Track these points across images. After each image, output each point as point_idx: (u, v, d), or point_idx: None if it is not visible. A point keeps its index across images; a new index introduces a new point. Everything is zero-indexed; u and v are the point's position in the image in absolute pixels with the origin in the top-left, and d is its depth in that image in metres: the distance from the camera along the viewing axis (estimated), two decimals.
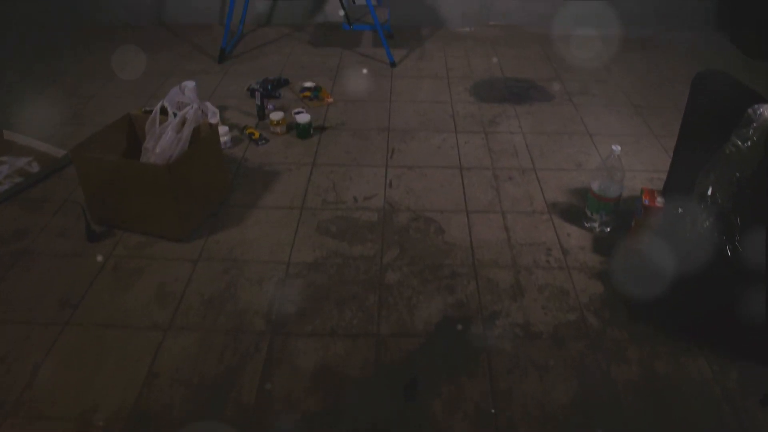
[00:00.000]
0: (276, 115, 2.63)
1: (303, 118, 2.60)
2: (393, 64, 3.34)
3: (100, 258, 1.94)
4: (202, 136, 2.16)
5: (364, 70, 3.32)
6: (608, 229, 2.09)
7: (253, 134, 2.62)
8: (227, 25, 3.38)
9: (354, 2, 3.69)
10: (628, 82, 3.22)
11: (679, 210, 1.74)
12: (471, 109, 2.90)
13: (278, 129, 2.64)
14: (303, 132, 2.62)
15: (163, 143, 2.11)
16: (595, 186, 2.04)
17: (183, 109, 2.17)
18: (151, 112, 2.23)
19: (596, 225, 2.09)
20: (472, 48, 3.62)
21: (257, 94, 2.77)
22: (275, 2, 3.92)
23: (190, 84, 2.70)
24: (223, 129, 2.54)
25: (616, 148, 1.96)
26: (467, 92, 3.07)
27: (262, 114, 2.77)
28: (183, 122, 2.18)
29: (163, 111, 2.23)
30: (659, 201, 1.84)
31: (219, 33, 3.58)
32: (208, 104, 2.66)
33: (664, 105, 2.98)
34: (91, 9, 3.94)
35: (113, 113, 2.74)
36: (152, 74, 3.27)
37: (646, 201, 1.86)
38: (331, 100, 2.95)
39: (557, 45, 3.69)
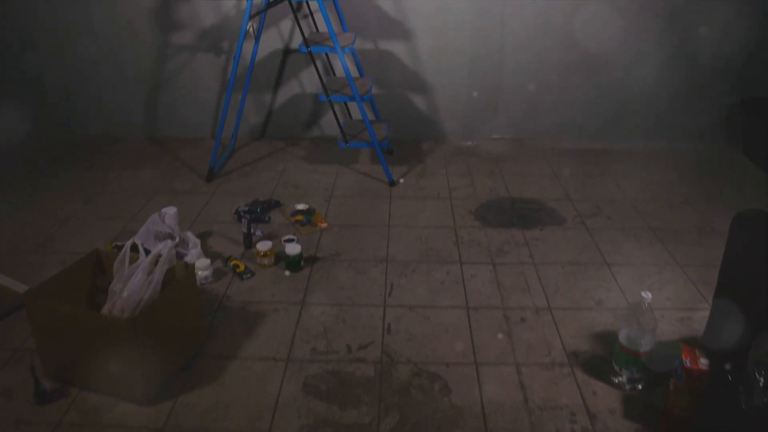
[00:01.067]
0: (263, 246, 2.45)
1: (293, 249, 2.42)
2: (392, 183, 3.21)
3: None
4: (177, 278, 1.97)
5: (362, 189, 3.18)
6: (640, 387, 1.85)
7: (237, 266, 2.42)
8: (217, 141, 3.29)
9: (351, 117, 3.63)
10: (641, 201, 3.08)
11: (730, 377, 1.51)
12: (476, 235, 2.73)
13: (265, 261, 2.45)
14: (293, 265, 2.42)
15: (132, 286, 1.91)
16: (623, 337, 1.82)
17: (158, 245, 2.00)
18: (122, 247, 2.04)
19: (626, 381, 1.85)
20: (475, 165, 3.51)
21: (244, 221, 2.60)
22: (269, 115, 3.86)
23: (170, 210, 2.54)
24: (204, 262, 2.35)
25: (647, 295, 1.76)
26: (472, 215, 2.91)
27: (249, 242, 2.60)
28: (156, 261, 1.99)
29: (135, 248, 2.05)
30: (703, 363, 1.61)
31: (210, 147, 3.48)
32: (189, 234, 2.49)
33: (684, 228, 2.82)
34: (79, 121, 3.87)
35: (88, 239, 2.58)
36: (136, 193, 3.13)
37: (687, 362, 1.62)
38: (324, 225, 2.78)
39: (564, 160, 3.58)
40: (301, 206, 2.91)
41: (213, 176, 3.32)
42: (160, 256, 1.99)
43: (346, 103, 3.61)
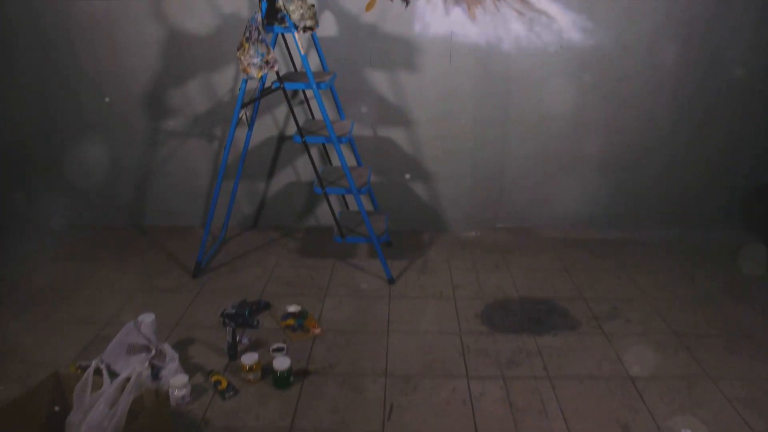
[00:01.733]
0: (249, 359, 2.23)
1: (281, 363, 2.19)
2: (391, 281, 3.01)
3: None
4: (147, 408, 1.73)
5: (359, 287, 2.98)
6: None
7: (219, 383, 2.19)
8: (205, 234, 3.11)
9: (347, 208, 3.47)
10: (662, 300, 2.87)
11: None
12: (484, 342, 2.51)
13: (251, 376, 2.22)
14: (281, 381, 2.19)
15: (92, 420, 1.69)
16: None
17: (128, 367, 1.78)
18: (86, 368, 1.83)
19: None
20: (480, 258, 3.32)
21: (229, 329, 2.39)
22: (262, 204, 3.70)
23: (147, 318, 2.34)
24: (181, 379, 2.12)
25: None
26: (478, 318, 2.70)
27: (233, 353, 2.37)
28: (123, 387, 1.76)
29: (99, 372, 1.83)
30: None
31: (200, 237, 3.31)
32: (167, 346, 2.26)
33: (711, 332, 2.61)
34: (65, 209, 3.72)
35: (55, 348, 2.37)
36: (116, 291, 2.93)
37: None
38: (317, 330, 2.56)
39: (575, 252, 3.40)
40: (292, 308, 2.70)
41: (200, 272, 3.13)
42: (127, 380, 1.77)
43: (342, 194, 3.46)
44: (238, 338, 2.43)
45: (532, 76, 3.38)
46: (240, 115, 2.91)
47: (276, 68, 2.75)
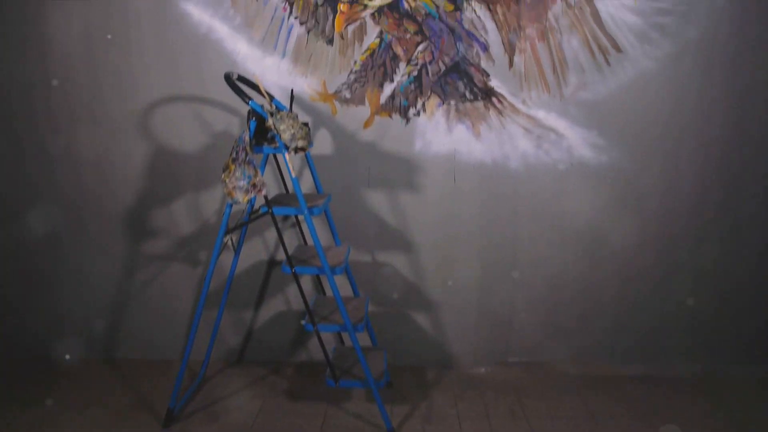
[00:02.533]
0: None
1: None
2: (392, 431, 2.62)
3: None
4: None
5: None
6: None
7: None
8: (181, 373, 2.75)
9: (342, 343, 3.12)
10: None
11: None
12: None
13: None
14: None
15: None
16: None
17: None
18: None
19: None
20: (492, 401, 2.94)
21: None
22: (249, 336, 3.35)
23: None
24: None
25: None
26: None
27: None
28: None
29: None
30: None
31: (177, 373, 2.92)
32: None
33: None
34: (31, 340, 3.37)
35: None
36: None
37: None
38: None
39: (598, 394, 3.03)
40: None
41: (172, 420, 2.74)
42: None
43: None
44: None
45: (541, 195, 3.14)
46: (225, 240, 2.65)
47: (264, 192, 2.51)
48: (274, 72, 3.06)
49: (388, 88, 3.06)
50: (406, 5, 2.98)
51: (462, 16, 2.99)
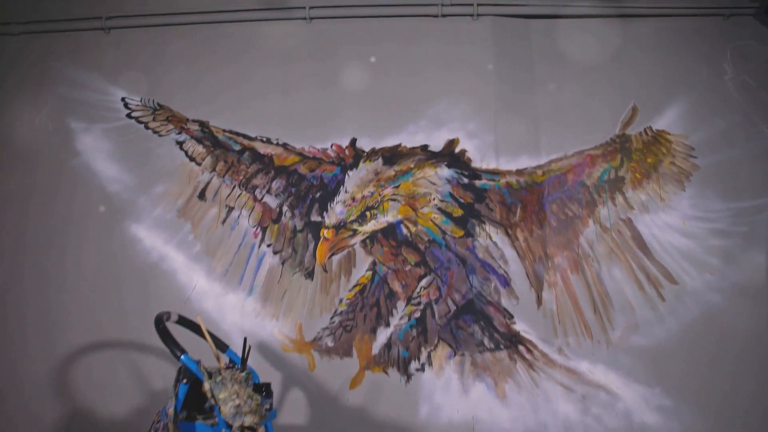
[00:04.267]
0: None
1: None
2: None
3: None
4: None
5: None
6: None
7: None
8: None
9: None
10: None
11: None
12: None
13: None
14: None
15: None
16: None
17: None
18: None
19: None
20: None
21: None
22: None
23: None
24: None
25: None
26: None
27: None
28: None
29: None
30: None
31: None
32: None
33: None
34: None
35: None
36: None
37: None
38: None
39: None
40: None
41: None
42: None
43: None
44: None
45: None
46: None
47: None
48: (237, 313, 2.51)
49: (383, 335, 2.46)
50: (404, 230, 2.48)
51: (474, 243, 2.49)
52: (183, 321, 1.99)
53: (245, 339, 2.16)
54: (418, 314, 2.43)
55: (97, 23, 2.76)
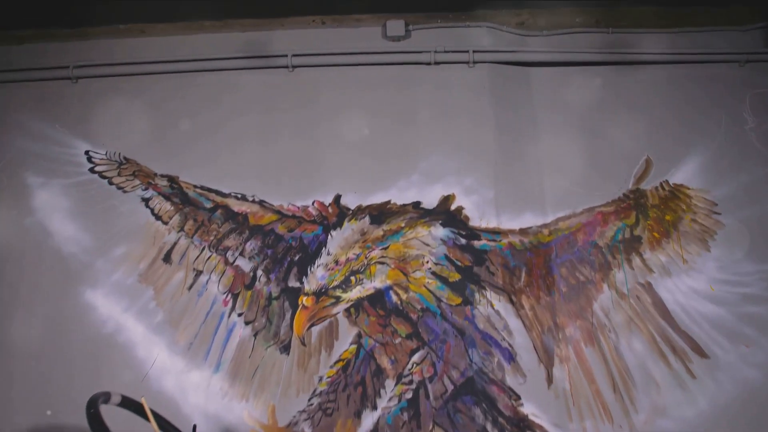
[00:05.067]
0: None
1: None
2: None
3: None
4: None
5: None
6: None
7: None
8: None
9: None
10: None
11: None
12: None
13: None
14: None
15: None
16: None
17: None
18: None
19: None
20: None
21: None
22: None
23: None
24: None
25: None
26: None
27: None
28: None
29: None
30: None
31: None
32: None
33: None
34: None
35: None
36: None
37: None
38: None
39: None
40: None
41: None
42: None
43: None
44: None
45: None
46: None
47: None
48: (201, 393, 2.26)
49: (369, 419, 2.20)
50: (394, 298, 2.26)
51: (474, 311, 2.27)
52: (127, 403, 1.72)
53: (195, 426, 1.89)
54: (409, 395, 2.18)
55: (64, 72, 2.59)
